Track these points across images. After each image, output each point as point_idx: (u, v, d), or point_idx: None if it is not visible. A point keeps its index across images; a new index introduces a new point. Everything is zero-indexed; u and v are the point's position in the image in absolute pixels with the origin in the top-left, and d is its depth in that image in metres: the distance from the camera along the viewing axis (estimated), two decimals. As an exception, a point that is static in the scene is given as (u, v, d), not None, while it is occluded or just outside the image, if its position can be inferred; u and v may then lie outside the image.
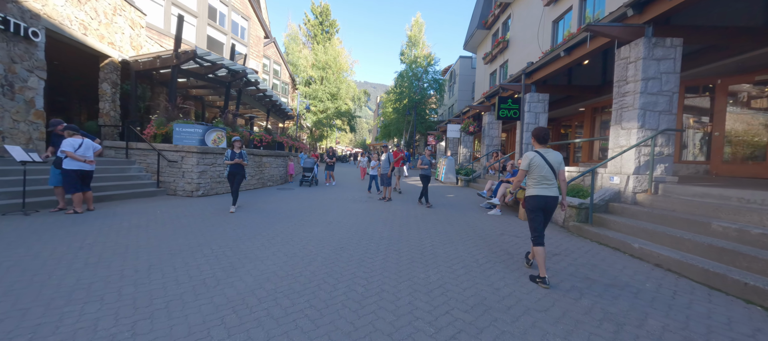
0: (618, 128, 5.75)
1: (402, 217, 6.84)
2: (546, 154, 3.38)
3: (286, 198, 8.85)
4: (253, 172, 10.25)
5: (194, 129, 8.35)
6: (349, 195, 10.00)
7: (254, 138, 10.59)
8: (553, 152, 3.42)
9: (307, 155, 11.99)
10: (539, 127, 3.56)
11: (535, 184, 3.39)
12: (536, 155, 3.39)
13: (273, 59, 27.47)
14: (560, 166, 3.39)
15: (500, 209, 7.26)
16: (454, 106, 33.01)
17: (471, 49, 25.16)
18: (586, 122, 10.96)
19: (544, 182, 3.34)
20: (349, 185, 12.51)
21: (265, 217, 6.33)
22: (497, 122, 13.40)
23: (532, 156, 3.40)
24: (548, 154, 3.39)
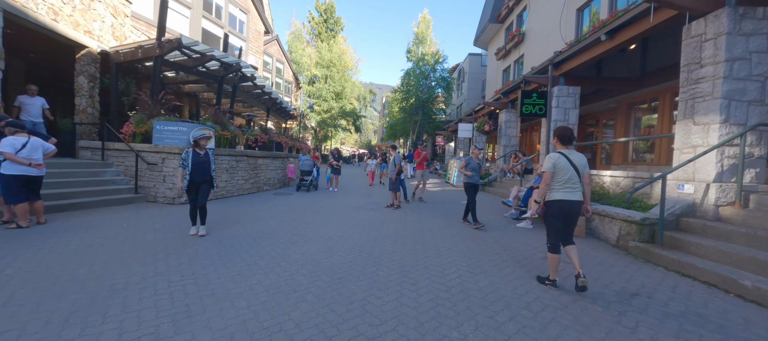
0: (688, 124, 4.59)
1: (415, 230, 5.75)
2: (570, 155, 3.15)
3: (281, 205, 7.82)
4: (247, 175, 9.26)
5: (178, 127, 7.37)
6: (353, 202, 8.93)
7: (249, 138, 9.59)
8: (577, 153, 3.20)
9: (307, 156, 10.92)
10: (563, 126, 3.31)
11: (559, 188, 3.14)
12: (560, 157, 3.15)
13: (275, 57, 26.60)
14: (585, 168, 3.16)
15: (531, 220, 6.12)
16: (462, 105, 31.81)
17: (482, 45, 23.98)
18: (619, 120, 9.74)
19: (569, 186, 3.11)
20: (353, 190, 11.42)
21: (253, 230, 5.29)
22: (516, 120, 12.23)
23: (557, 158, 3.15)
24: (573, 155, 3.16)
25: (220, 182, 8.21)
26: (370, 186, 12.56)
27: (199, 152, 4.70)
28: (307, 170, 10.33)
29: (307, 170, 10.33)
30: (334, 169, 10.80)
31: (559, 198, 3.13)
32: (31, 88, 6.93)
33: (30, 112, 6.86)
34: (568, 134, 3.23)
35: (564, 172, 3.11)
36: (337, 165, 10.77)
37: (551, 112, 8.48)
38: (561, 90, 8.38)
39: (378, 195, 10.38)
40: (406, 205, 8.55)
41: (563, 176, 3.11)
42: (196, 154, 4.67)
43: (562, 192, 3.12)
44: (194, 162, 4.59)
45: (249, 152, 9.24)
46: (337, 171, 10.82)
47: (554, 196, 3.17)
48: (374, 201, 9.13)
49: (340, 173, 11.10)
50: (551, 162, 3.16)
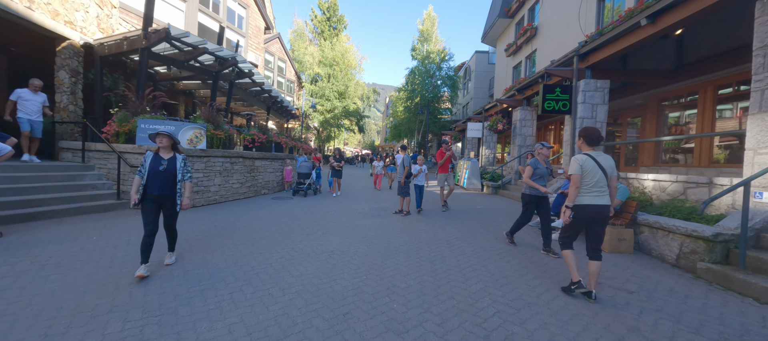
0: (766, 119, 3.78)
1: (430, 243, 4.98)
2: (598, 157, 2.99)
3: (278, 212, 7.09)
4: (243, 178, 8.54)
5: (165, 126, 6.67)
6: (358, 208, 8.18)
7: (245, 138, 8.88)
8: (604, 154, 3.03)
9: (306, 157, 10.15)
10: (589, 126, 3.23)
11: (586, 191, 2.97)
12: (588, 159, 2.98)
13: (277, 56, 25.98)
14: (613, 171, 3.00)
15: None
16: (469, 104, 30.96)
17: (490, 41, 23.16)
18: (649, 117, 8.90)
19: (596, 189, 2.95)
20: (357, 194, 10.66)
21: (243, 243, 4.57)
22: (531, 118, 11.42)
23: (584, 160, 2.98)
24: (600, 157, 2.99)
25: (213, 185, 7.51)
26: (376, 191, 11.32)
27: (161, 157, 3.42)
28: (305, 172, 9.44)
29: (305, 172, 9.44)
30: (336, 171, 9.82)
31: (586, 203, 2.94)
32: (35, 83, 6.30)
33: (28, 109, 6.22)
34: (595, 135, 3.03)
35: (592, 175, 2.93)
36: (338, 167, 9.81)
37: (577, 108, 7.68)
38: (588, 84, 7.58)
39: (384, 199, 9.62)
40: (417, 212, 7.79)
41: (591, 179, 2.94)
42: (157, 159, 3.40)
43: (589, 196, 2.94)
44: (152, 169, 3.33)
45: (245, 153, 8.53)
46: (338, 174, 9.87)
47: (580, 200, 2.98)
48: (380, 207, 8.37)
49: (342, 176, 10.11)
50: (578, 164, 2.97)
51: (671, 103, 8.41)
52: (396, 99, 35.64)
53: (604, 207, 2.93)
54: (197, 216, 6.22)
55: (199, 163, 7.06)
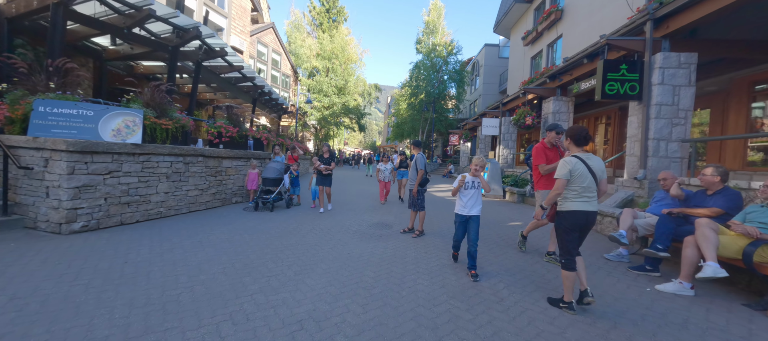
0: None
1: (468, 295, 2.94)
2: (588, 160, 2.77)
3: (240, 233, 5.08)
4: (204, 183, 6.54)
5: (78, 110, 4.69)
6: (353, 224, 6.18)
7: (210, 130, 6.87)
8: (595, 157, 2.82)
9: (281, 156, 7.57)
10: (576, 126, 2.93)
11: (575, 197, 2.75)
12: (578, 162, 2.75)
13: (271, 48, 24.02)
14: (603, 174, 2.81)
15: (690, 283, 3.24)
16: (477, 102, 28.94)
17: (503, 31, 21.13)
18: (733, 106, 6.86)
19: (586, 195, 2.73)
20: (353, 202, 8.55)
21: (148, 303, 2.55)
22: (567, 110, 9.38)
23: (574, 163, 2.75)
24: (591, 160, 2.78)
25: (156, 194, 5.51)
26: (382, 204, 8.33)
27: None
28: (272, 177, 6.72)
29: (273, 177, 6.73)
30: (322, 176, 6.88)
31: (574, 209, 2.74)
32: None
33: None
34: (583, 134, 2.82)
35: (582, 179, 2.73)
36: (326, 171, 6.82)
37: (652, 91, 5.65)
38: (667, 59, 5.54)
39: (387, 211, 7.60)
40: (433, 227, 5.76)
41: (580, 184, 2.73)
42: None
43: (578, 202, 2.73)
44: None
45: (208, 150, 6.52)
46: (326, 180, 6.91)
47: (569, 206, 2.77)
48: (383, 221, 6.34)
49: (331, 183, 7.04)
50: (567, 168, 2.74)
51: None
52: (399, 96, 33.63)
53: (592, 214, 2.76)
54: (114, 241, 4.22)
55: (131, 162, 5.05)
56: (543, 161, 4.13)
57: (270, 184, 6.83)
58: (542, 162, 4.13)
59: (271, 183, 6.83)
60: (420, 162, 5.35)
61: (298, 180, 7.75)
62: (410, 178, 5.52)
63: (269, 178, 6.82)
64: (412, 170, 5.49)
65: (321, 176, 6.96)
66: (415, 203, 5.38)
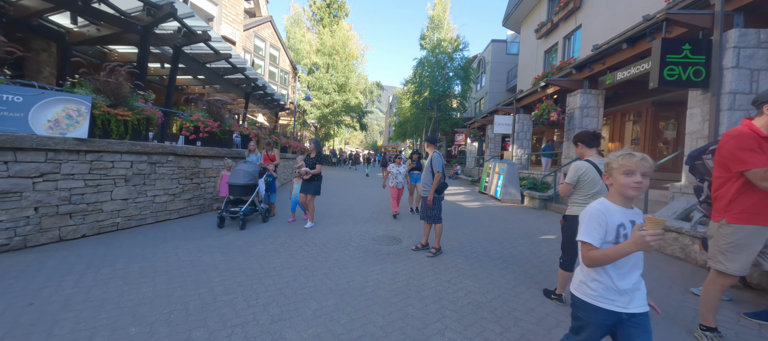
0: None
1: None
2: (601, 164, 2.60)
3: (209, 252, 4.03)
4: (176, 187, 5.50)
5: (4, 93, 3.64)
6: (354, 237, 5.13)
7: (185, 125, 5.82)
8: None
9: (257, 154, 6.21)
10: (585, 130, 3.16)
11: (584, 202, 2.61)
12: (589, 167, 2.63)
13: (269, 42, 22.98)
14: None
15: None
16: (483, 100, 27.86)
17: (512, 25, 20.04)
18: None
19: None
20: (354, 213, 7.31)
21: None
22: (596, 105, 8.29)
23: (584, 168, 2.63)
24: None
25: (111, 202, 4.46)
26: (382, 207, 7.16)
27: None
28: (241, 183, 5.09)
29: (243, 183, 5.10)
30: (307, 183, 5.28)
31: None
32: None
33: None
34: (594, 137, 2.74)
35: (592, 184, 2.61)
36: (309, 176, 5.21)
37: (723, 77, 4.57)
38: (744, 36, 4.47)
39: (396, 222, 6.54)
40: (451, 242, 4.70)
41: (590, 190, 2.61)
42: None
43: None
44: None
45: (182, 148, 5.47)
46: (312, 188, 5.29)
47: (577, 211, 2.64)
48: (390, 234, 5.27)
49: (319, 188, 5.41)
50: (576, 174, 2.65)
51: None
52: (401, 94, 32.55)
53: None
54: (34, 267, 3.17)
55: (74, 162, 4.01)
56: (762, 159, 2.03)
57: (239, 192, 5.11)
58: (762, 163, 2.02)
59: (241, 191, 5.10)
60: (437, 163, 4.28)
61: (274, 185, 6.17)
62: (424, 182, 4.44)
63: (238, 185, 5.02)
64: (426, 173, 4.42)
65: (305, 181, 5.28)
66: (430, 213, 4.32)
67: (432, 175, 4.33)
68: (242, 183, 5.11)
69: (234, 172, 5.22)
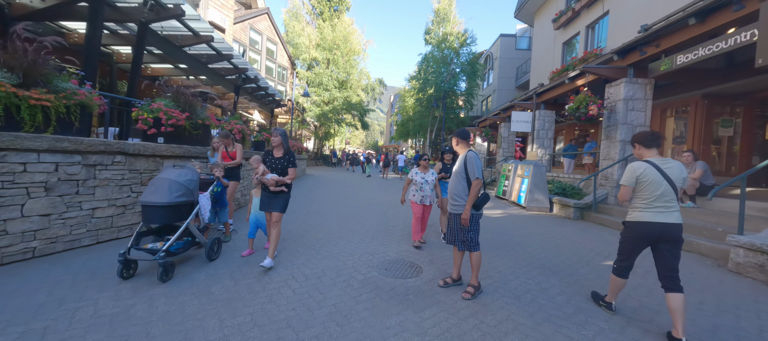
0: None
1: None
2: (663, 164, 2.45)
3: (143, 299, 2.79)
4: (127, 199, 4.23)
5: None
6: (359, 269, 3.89)
7: (142, 115, 4.55)
8: (672, 161, 2.47)
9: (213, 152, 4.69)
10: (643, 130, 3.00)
11: (645, 206, 2.45)
12: (649, 167, 2.45)
13: (266, 36, 21.78)
14: (684, 183, 2.46)
15: None
16: (490, 98, 26.60)
17: (525, 17, 18.77)
18: None
19: (660, 205, 2.40)
20: (357, 225, 5.89)
21: None
22: (644, 97, 7.01)
23: (643, 169, 2.46)
24: (667, 165, 2.45)
25: (20, 220, 3.21)
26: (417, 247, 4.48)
27: None
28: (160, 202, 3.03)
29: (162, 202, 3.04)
30: (271, 197, 3.47)
31: (645, 220, 2.43)
32: None
33: None
34: (653, 137, 2.56)
35: (653, 187, 2.41)
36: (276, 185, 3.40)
37: None
38: None
39: (409, 237, 5.28)
40: (491, 272, 3.43)
41: (652, 192, 2.42)
42: None
43: (649, 212, 2.43)
44: None
45: (134, 146, 4.21)
46: (278, 203, 3.47)
47: (638, 217, 2.48)
48: (405, 258, 4.00)
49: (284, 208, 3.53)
50: (633, 174, 2.49)
51: None
52: (404, 93, 31.28)
53: (672, 227, 2.37)
54: None
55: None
56: None
57: (159, 217, 3.10)
58: None
59: (160, 215, 3.08)
60: (475, 166, 3.00)
61: (224, 196, 4.24)
62: (454, 193, 3.16)
63: (156, 205, 3.03)
64: (457, 180, 3.14)
65: (267, 197, 3.48)
66: (464, 236, 3.05)
67: (466, 183, 3.06)
68: (162, 202, 3.01)
69: (151, 184, 3.17)
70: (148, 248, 3.09)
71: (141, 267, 3.27)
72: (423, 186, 4.49)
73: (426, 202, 4.51)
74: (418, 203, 4.52)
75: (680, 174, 2.44)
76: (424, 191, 4.49)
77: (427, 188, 4.50)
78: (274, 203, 3.49)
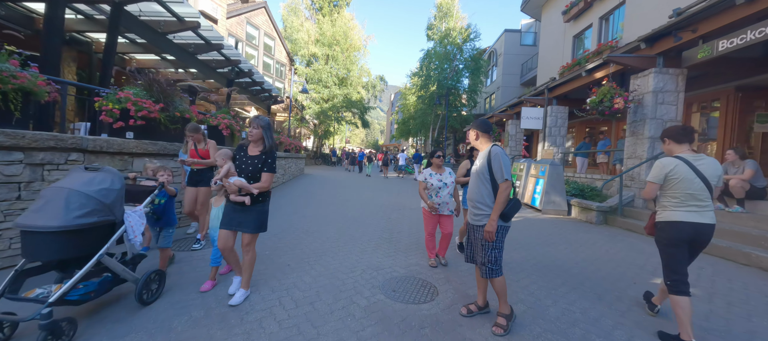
0: None
1: None
2: (697, 161, 2.25)
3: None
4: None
5: None
6: (362, 290, 3.23)
7: (107, 106, 3.89)
8: (707, 158, 2.29)
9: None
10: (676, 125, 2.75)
11: (677, 205, 2.27)
12: (680, 164, 2.26)
13: (263, 30, 21.09)
14: (719, 181, 2.26)
15: None
16: (494, 95, 25.93)
17: (532, 10, 18.05)
18: None
19: (693, 204, 2.22)
20: (358, 230, 5.45)
21: None
22: (675, 88, 6.34)
23: (673, 165, 2.27)
24: (701, 161, 2.26)
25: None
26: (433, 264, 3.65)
27: None
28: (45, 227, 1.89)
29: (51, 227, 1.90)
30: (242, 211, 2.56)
31: (677, 219, 2.25)
32: None
33: None
34: (684, 131, 2.36)
35: (685, 184, 2.22)
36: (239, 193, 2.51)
37: None
38: None
39: (419, 246, 4.63)
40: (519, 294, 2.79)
41: (684, 190, 2.23)
42: None
43: (682, 211, 2.25)
44: None
45: (93, 141, 3.54)
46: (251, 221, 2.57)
47: (669, 216, 2.30)
48: (416, 274, 3.34)
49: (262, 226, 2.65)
50: (662, 171, 2.30)
51: None
52: (406, 90, 30.61)
53: (705, 227, 2.21)
54: None
55: None
56: None
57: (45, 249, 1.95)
58: None
59: (49, 246, 1.94)
60: (502, 164, 2.32)
61: (171, 212, 3.05)
62: (474, 199, 2.47)
63: (41, 230, 1.89)
64: (478, 183, 2.45)
65: (233, 207, 2.60)
66: (486, 256, 2.36)
67: (491, 185, 2.40)
68: (54, 227, 1.91)
69: (41, 197, 2.05)
70: (33, 297, 1.99)
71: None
72: (439, 191, 3.58)
73: (443, 210, 3.60)
74: (432, 210, 3.60)
75: (715, 172, 2.24)
76: (440, 197, 3.57)
77: (445, 194, 3.58)
78: (242, 219, 2.57)
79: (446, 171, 3.70)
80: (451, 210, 3.64)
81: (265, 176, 2.57)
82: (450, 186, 3.62)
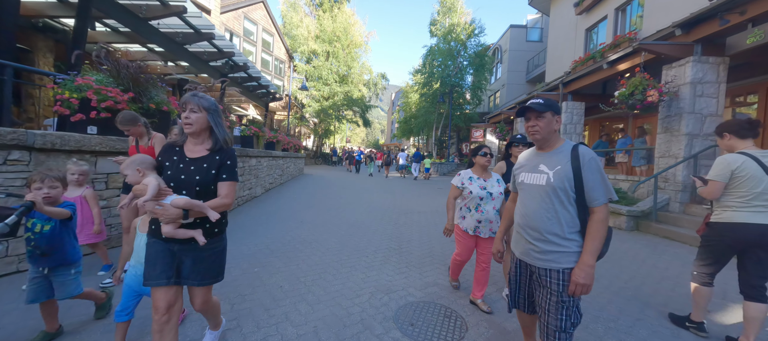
0: None
1: None
2: (765, 158, 2.06)
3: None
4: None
5: None
6: (371, 327, 2.55)
7: (58, 94, 3.25)
8: None
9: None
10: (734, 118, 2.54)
11: (742, 205, 2.08)
12: (747, 160, 2.07)
13: (262, 26, 20.44)
14: None
15: None
16: (499, 93, 25.25)
17: (540, 4, 17.37)
18: None
19: (760, 203, 2.03)
20: (359, 246, 4.56)
21: None
22: (716, 79, 5.68)
23: (740, 162, 2.08)
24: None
25: None
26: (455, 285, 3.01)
27: None
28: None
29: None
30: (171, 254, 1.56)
31: (741, 221, 2.06)
32: None
33: None
34: (748, 126, 2.16)
35: (753, 183, 2.03)
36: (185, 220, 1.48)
37: None
38: None
39: (434, 259, 3.99)
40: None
41: (751, 189, 2.04)
42: None
43: (746, 212, 2.06)
44: None
45: (45, 137, 2.91)
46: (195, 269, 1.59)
47: (731, 217, 2.11)
48: (436, 298, 2.68)
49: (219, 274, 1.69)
50: (728, 168, 2.10)
51: None
52: (408, 88, 29.95)
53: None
54: None
55: None
56: None
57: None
58: None
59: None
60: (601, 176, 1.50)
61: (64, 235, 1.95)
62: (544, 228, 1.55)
63: None
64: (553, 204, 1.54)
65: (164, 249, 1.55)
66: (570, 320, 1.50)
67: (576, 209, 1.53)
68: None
69: None
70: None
71: None
72: (481, 204, 2.55)
73: (482, 233, 2.57)
74: (471, 232, 2.60)
75: None
76: (483, 213, 2.54)
77: (489, 209, 2.55)
78: (188, 267, 1.59)
79: (493, 177, 2.68)
80: (494, 232, 2.57)
81: (224, 187, 1.58)
82: (497, 199, 2.58)
